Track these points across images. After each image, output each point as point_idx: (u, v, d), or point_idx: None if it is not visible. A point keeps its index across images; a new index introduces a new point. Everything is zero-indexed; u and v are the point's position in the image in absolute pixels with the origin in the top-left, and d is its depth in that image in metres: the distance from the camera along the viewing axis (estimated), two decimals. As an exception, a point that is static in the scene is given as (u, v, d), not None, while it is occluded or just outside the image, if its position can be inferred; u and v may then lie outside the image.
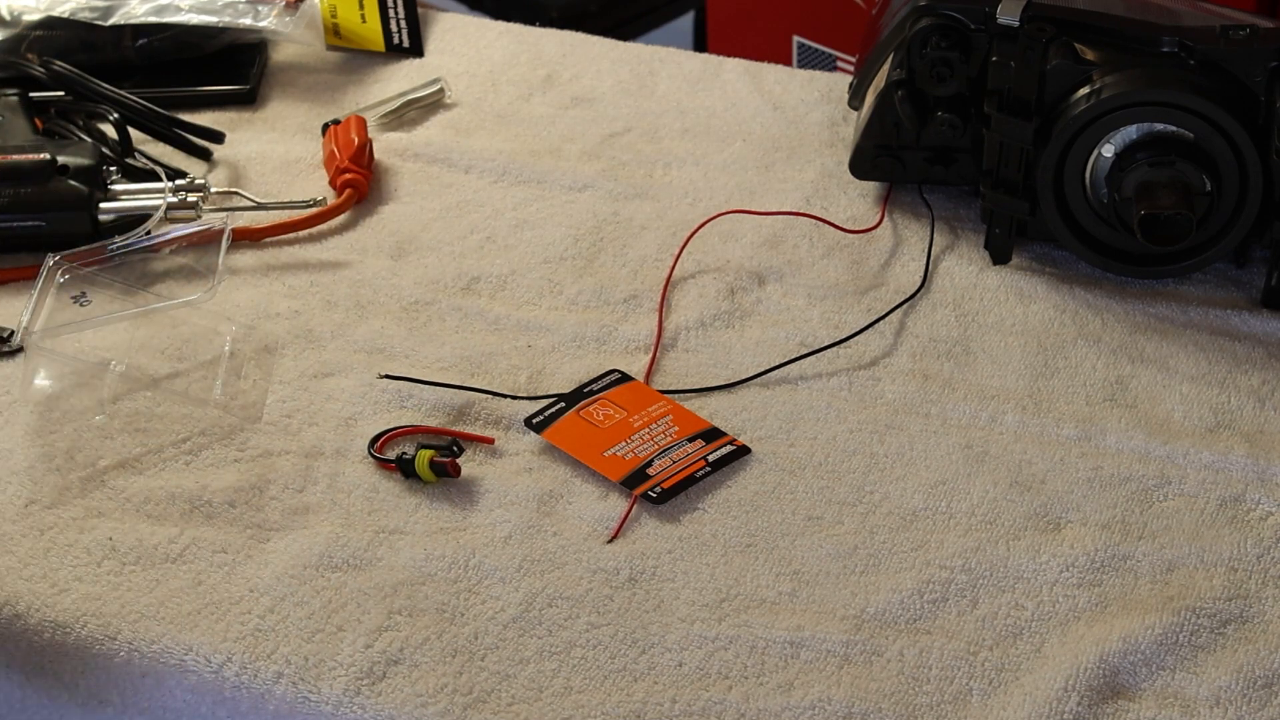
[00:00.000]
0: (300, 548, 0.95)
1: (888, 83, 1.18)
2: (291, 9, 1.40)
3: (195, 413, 1.05)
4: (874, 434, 1.04)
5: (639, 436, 1.03)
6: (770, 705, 0.87)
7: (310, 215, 1.22)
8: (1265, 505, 0.99)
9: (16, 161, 1.18)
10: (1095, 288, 1.16)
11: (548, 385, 1.08)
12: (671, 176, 1.29)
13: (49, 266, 1.10)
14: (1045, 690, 0.87)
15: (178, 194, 1.20)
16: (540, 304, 1.15)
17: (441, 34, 1.47)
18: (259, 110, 1.37)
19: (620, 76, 1.42)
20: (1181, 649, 0.90)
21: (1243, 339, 1.11)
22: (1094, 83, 1.10)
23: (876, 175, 1.24)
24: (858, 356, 1.11)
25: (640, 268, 1.19)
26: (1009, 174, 1.15)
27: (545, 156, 1.31)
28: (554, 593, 0.93)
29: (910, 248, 1.20)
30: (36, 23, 1.36)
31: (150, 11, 1.37)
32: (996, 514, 0.98)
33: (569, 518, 0.98)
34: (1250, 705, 0.87)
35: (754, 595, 0.93)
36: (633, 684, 0.88)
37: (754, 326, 1.13)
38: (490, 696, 0.87)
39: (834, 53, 2.10)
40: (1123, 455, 1.02)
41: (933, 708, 0.87)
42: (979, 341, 1.12)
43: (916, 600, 0.93)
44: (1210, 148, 1.10)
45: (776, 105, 1.37)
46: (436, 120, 1.36)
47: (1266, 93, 1.09)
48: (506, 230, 1.23)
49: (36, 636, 0.92)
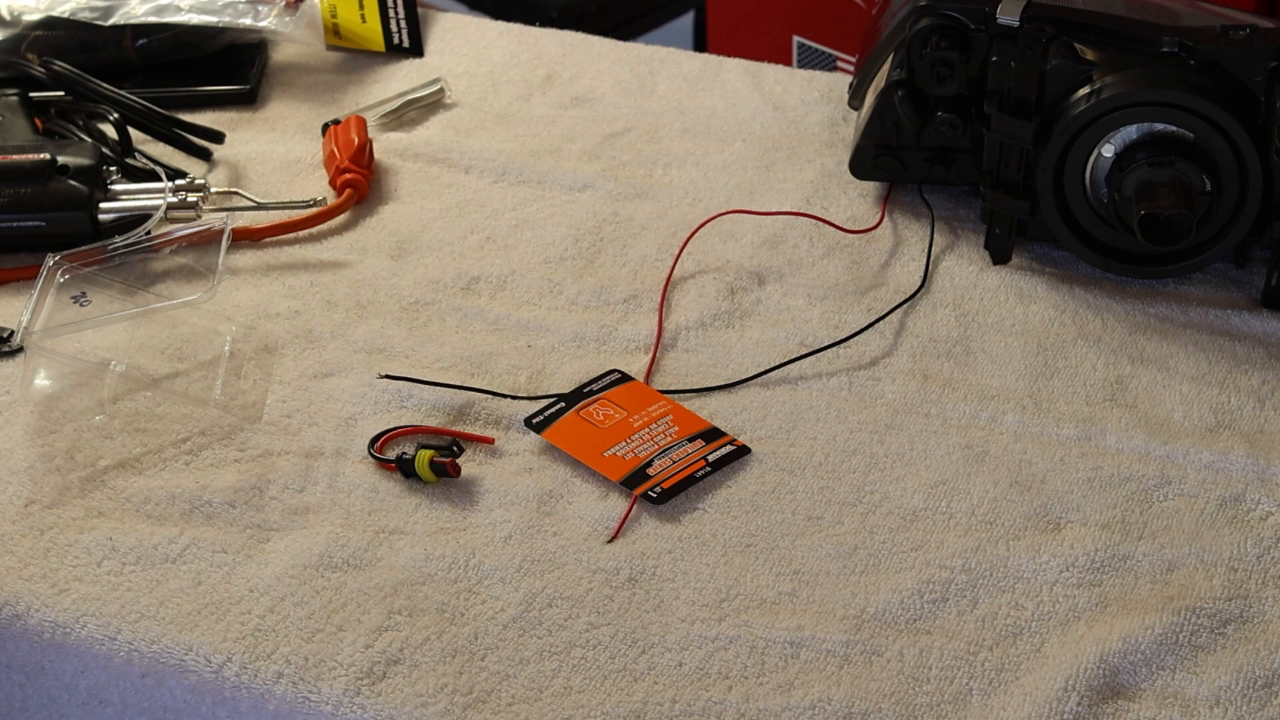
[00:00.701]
0: (300, 548, 0.95)
1: (888, 83, 1.18)
2: (291, 9, 1.40)
3: (195, 413, 1.05)
4: (874, 434, 1.04)
5: (639, 436, 1.03)
6: (770, 705, 0.87)
7: (310, 215, 1.22)
8: (1265, 505, 0.99)
9: (16, 161, 1.18)
10: (1095, 288, 1.16)
11: (548, 385, 1.08)
12: (671, 176, 1.29)
13: (49, 266, 1.10)
14: (1045, 690, 0.87)
15: (178, 194, 1.20)
16: (540, 304, 1.16)
17: (441, 34, 1.47)
18: (259, 110, 1.37)
19: (620, 76, 1.42)
20: (1181, 649, 0.90)
21: (1243, 339, 1.11)
22: (1094, 83, 1.10)
23: (876, 175, 1.24)
24: (858, 356, 1.11)
25: (640, 268, 1.19)
26: (1009, 174, 1.15)
27: (545, 156, 1.31)
28: (554, 593, 0.93)
29: (910, 248, 1.20)
30: (36, 23, 1.36)
31: (150, 11, 1.37)
32: (996, 514, 0.98)
33: (569, 518, 0.98)
34: (1250, 705, 0.87)
35: (754, 595, 0.93)
36: (633, 684, 0.88)
37: (754, 326, 1.13)
38: (490, 696, 0.87)
39: (834, 53, 2.10)
40: (1123, 455, 1.02)
41: (933, 708, 0.87)
42: (979, 341, 1.12)
43: (916, 600, 0.93)
44: (1210, 148, 1.10)
45: (776, 105, 1.37)
46: (436, 120, 1.36)
47: (1266, 93, 1.09)
48: (506, 230, 1.23)
49: (36, 636, 0.92)
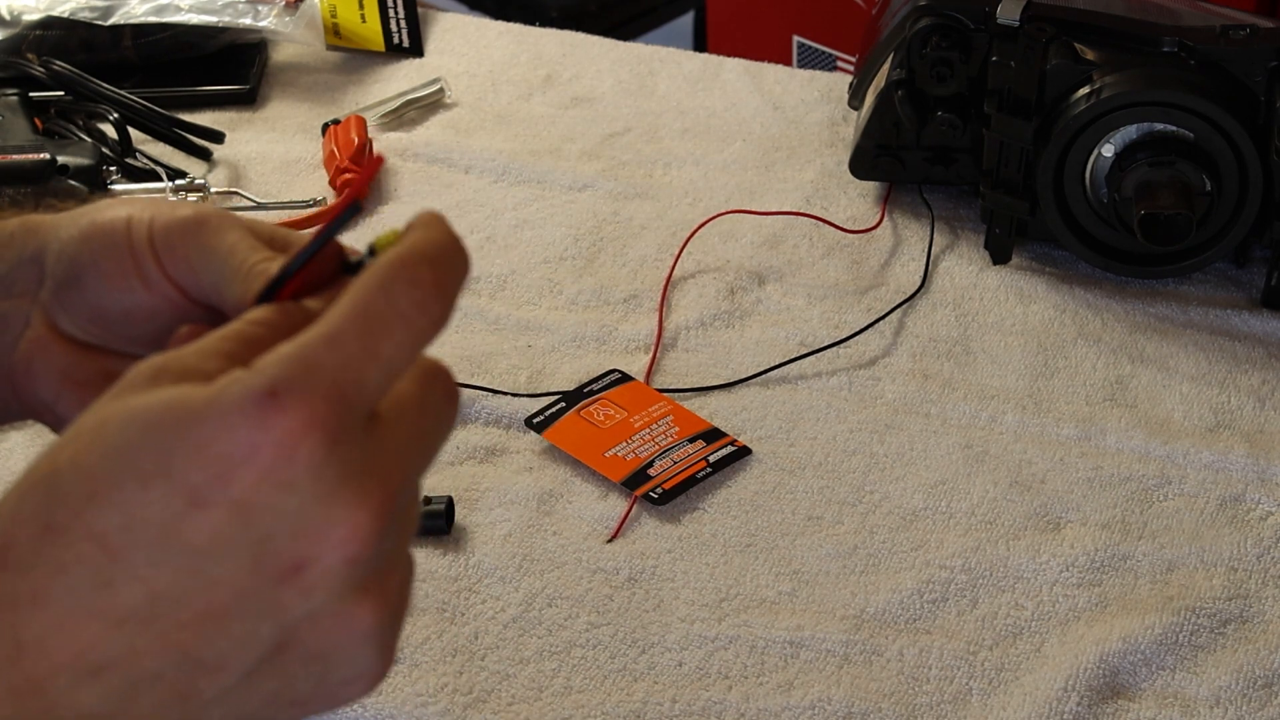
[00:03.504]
0: (300, 548, 0.95)
1: (888, 83, 1.18)
2: (291, 9, 1.40)
3: (195, 413, 1.05)
4: (874, 434, 1.04)
5: (639, 437, 1.03)
6: (770, 705, 0.87)
7: (310, 215, 1.23)
8: (1265, 505, 0.99)
9: (16, 161, 1.18)
10: (1095, 288, 1.16)
11: (548, 385, 1.08)
12: (671, 176, 1.29)
13: (49, 266, 1.10)
14: (1045, 690, 0.87)
15: (178, 194, 1.20)
16: (540, 304, 1.16)
17: (441, 34, 1.47)
18: (259, 110, 1.37)
19: (620, 76, 1.42)
20: (1181, 649, 0.90)
21: (1243, 339, 1.11)
22: (1094, 83, 1.10)
23: (876, 175, 1.24)
24: (858, 356, 1.11)
25: (640, 268, 1.19)
26: (1009, 174, 1.15)
27: (545, 156, 1.31)
28: (554, 592, 0.93)
29: (910, 248, 1.20)
30: (36, 23, 1.36)
31: (150, 11, 1.37)
32: (996, 514, 0.98)
33: (569, 518, 0.98)
34: (1250, 705, 0.87)
35: (754, 595, 0.93)
36: (633, 684, 0.88)
37: (754, 326, 1.13)
38: (490, 696, 0.87)
39: (834, 53, 2.10)
40: (1123, 455, 1.02)
41: (933, 708, 0.87)
42: (979, 341, 1.12)
43: (916, 600, 0.93)
44: (1210, 148, 1.10)
45: (776, 105, 1.37)
46: (436, 120, 1.36)
47: (1266, 93, 1.09)
48: (506, 230, 1.23)
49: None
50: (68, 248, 0.60)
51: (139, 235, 0.59)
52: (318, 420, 0.45)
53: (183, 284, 0.59)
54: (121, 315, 0.60)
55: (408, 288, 0.48)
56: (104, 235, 0.59)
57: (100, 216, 0.60)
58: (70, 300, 0.60)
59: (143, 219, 0.59)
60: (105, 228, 0.59)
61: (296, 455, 0.45)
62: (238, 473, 0.44)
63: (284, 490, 0.45)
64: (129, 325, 0.60)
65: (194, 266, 0.58)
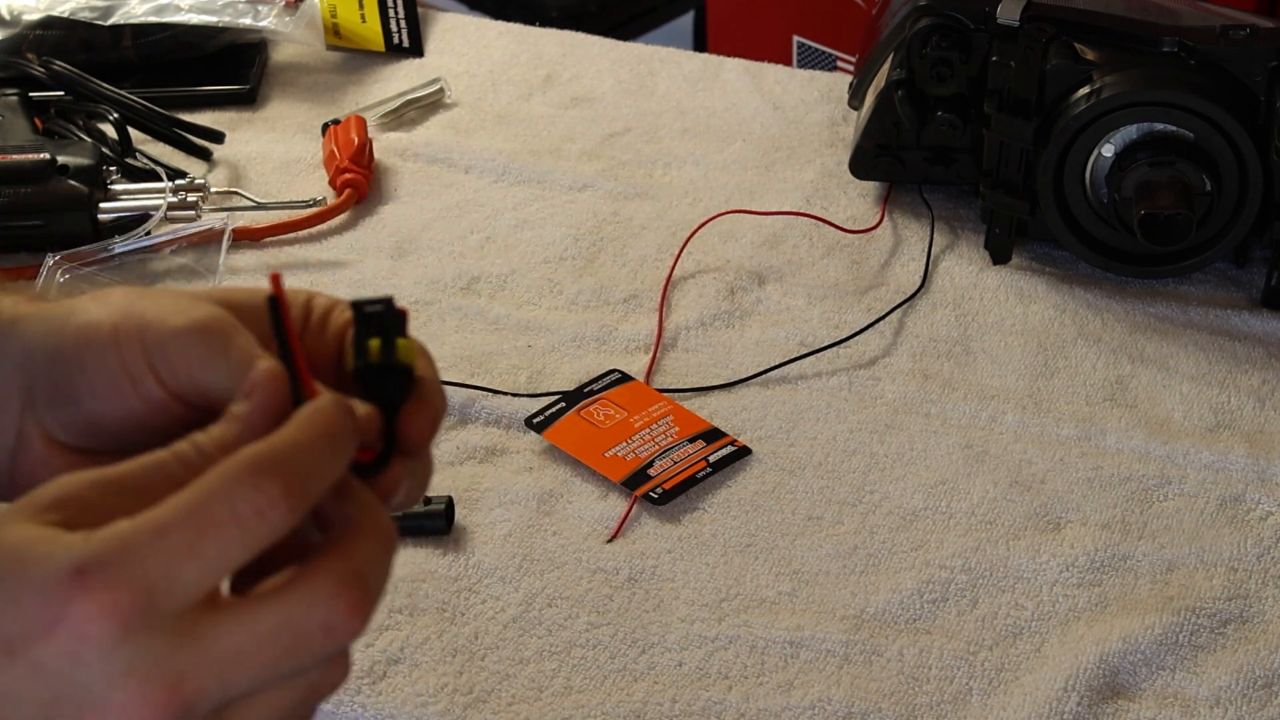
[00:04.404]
0: (300, 548, 0.95)
1: (888, 83, 1.18)
2: (291, 9, 1.40)
3: (195, 413, 1.05)
4: (874, 434, 1.04)
5: (640, 437, 1.03)
6: (770, 705, 0.87)
7: (310, 215, 1.22)
8: (1265, 505, 0.99)
9: (16, 161, 1.18)
10: (1095, 288, 1.16)
11: (548, 385, 1.08)
12: (671, 176, 1.29)
13: (49, 266, 1.10)
14: (1045, 690, 0.87)
15: (178, 194, 1.20)
16: (540, 304, 1.15)
17: (441, 34, 1.47)
18: (259, 110, 1.37)
19: (620, 76, 1.42)
20: (1181, 649, 0.90)
21: (1243, 339, 1.11)
22: (1094, 83, 1.10)
23: (876, 175, 1.24)
24: (858, 356, 1.11)
25: (640, 268, 1.19)
26: (1009, 174, 1.15)
27: (545, 156, 1.31)
28: (554, 593, 0.93)
29: (910, 248, 1.20)
30: (36, 23, 1.36)
31: (150, 11, 1.37)
32: (996, 514, 0.98)
33: (569, 518, 0.98)
34: (1250, 705, 0.86)
35: (754, 595, 0.93)
36: (633, 684, 0.88)
37: (754, 326, 1.13)
38: (490, 696, 0.87)
39: (834, 53, 2.10)
40: (1123, 455, 1.02)
41: (933, 708, 0.87)
42: (979, 341, 1.12)
43: (916, 600, 0.93)
44: (1210, 148, 1.10)
45: (776, 105, 1.37)
46: (436, 120, 1.36)
47: (1266, 93, 1.09)
48: (506, 230, 1.23)
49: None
50: (56, 363, 0.58)
51: (130, 350, 0.57)
52: (114, 608, 0.47)
53: (183, 395, 0.58)
54: (117, 425, 0.58)
55: (250, 493, 0.49)
56: (92, 348, 0.57)
57: (83, 320, 0.58)
58: (64, 417, 0.59)
59: (130, 331, 0.57)
60: (91, 338, 0.57)
61: (88, 636, 0.47)
62: (40, 636, 0.47)
63: (75, 663, 0.47)
64: (124, 436, 0.58)
65: (199, 383, 0.57)
